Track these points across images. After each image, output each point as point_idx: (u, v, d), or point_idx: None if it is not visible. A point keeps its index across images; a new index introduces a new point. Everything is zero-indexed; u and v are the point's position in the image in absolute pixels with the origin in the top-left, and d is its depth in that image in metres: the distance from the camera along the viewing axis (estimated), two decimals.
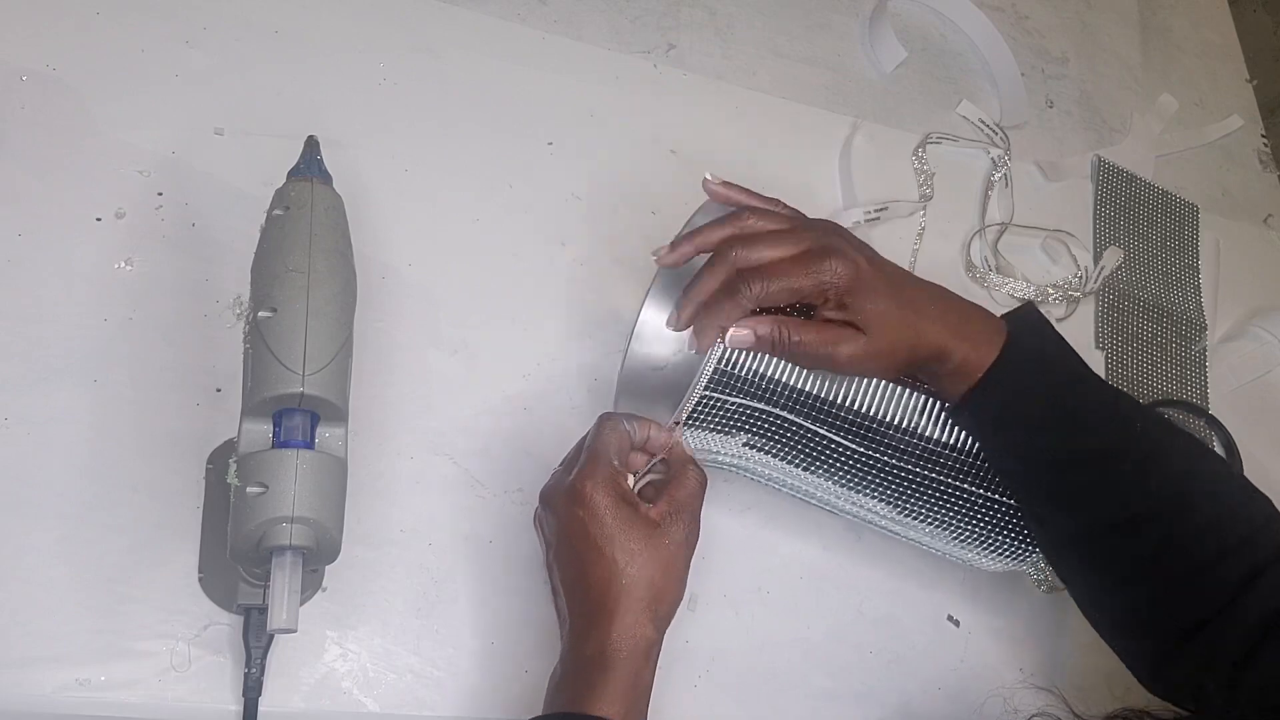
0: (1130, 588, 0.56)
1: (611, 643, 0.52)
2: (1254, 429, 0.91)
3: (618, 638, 0.52)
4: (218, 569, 0.56)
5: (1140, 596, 0.56)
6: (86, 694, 0.53)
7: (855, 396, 0.59)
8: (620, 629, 0.53)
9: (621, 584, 0.53)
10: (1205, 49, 1.18)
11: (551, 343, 0.71)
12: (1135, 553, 0.55)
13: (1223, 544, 0.53)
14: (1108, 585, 0.58)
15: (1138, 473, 0.55)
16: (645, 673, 0.53)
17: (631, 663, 0.52)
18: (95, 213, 0.63)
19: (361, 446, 0.62)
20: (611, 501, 0.54)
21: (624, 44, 0.85)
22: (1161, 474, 0.55)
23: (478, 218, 0.73)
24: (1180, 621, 0.54)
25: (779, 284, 0.54)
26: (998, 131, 0.96)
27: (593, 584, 0.54)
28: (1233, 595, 0.52)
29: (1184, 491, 0.55)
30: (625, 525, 0.54)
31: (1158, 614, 0.55)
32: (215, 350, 0.61)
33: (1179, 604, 0.54)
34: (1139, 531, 0.55)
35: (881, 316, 0.55)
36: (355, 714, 0.57)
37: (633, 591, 0.53)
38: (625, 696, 0.52)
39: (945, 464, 0.60)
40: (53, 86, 0.65)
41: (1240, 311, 0.99)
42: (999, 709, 0.70)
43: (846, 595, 0.71)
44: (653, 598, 0.54)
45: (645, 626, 0.53)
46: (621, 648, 0.52)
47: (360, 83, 0.74)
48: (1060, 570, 0.61)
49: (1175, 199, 1.02)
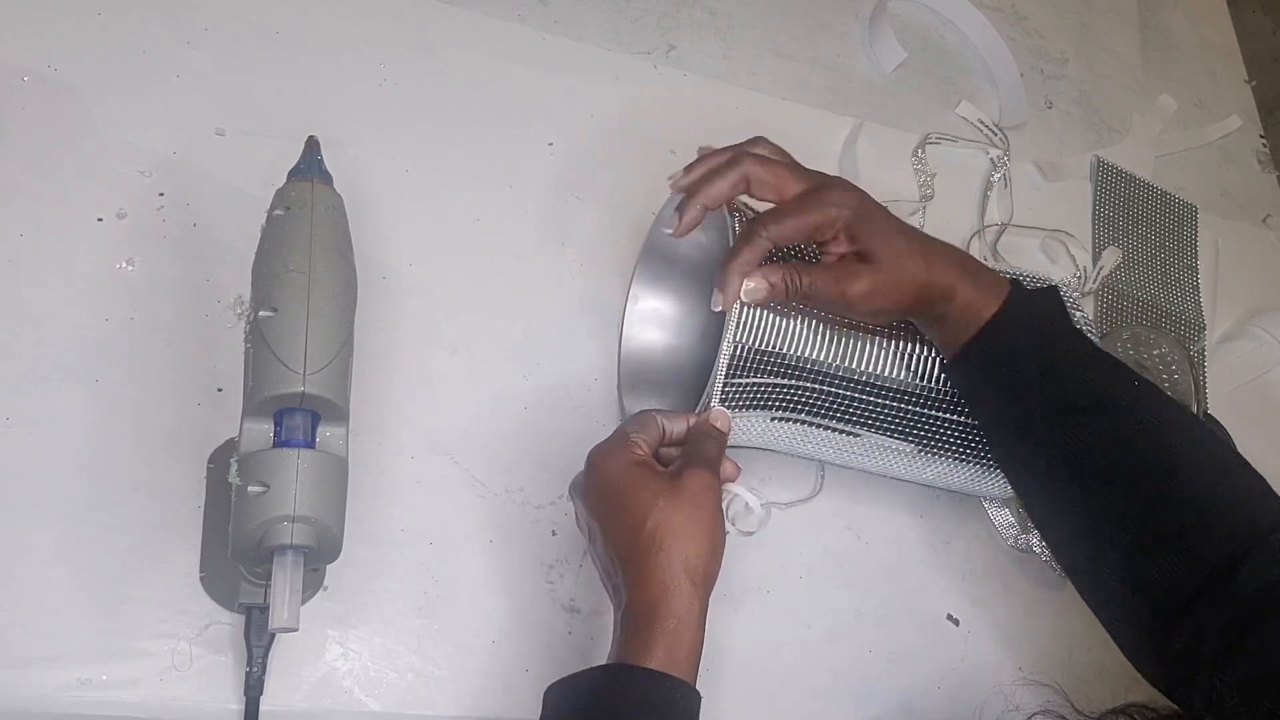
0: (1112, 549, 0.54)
1: (644, 595, 0.51)
2: (1253, 429, 0.91)
3: (651, 592, 0.51)
4: (219, 568, 0.56)
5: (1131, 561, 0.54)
6: (88, 693, 0.53)
7: (866, 360, 0.60)
8: (653, 582, 0.51)
9: (644, 537, 0.51)
10: (1204, 49, 1.18)
11: (551, 343, 0.71)
12: (1122, 513, 0.54)
13: (1209, 516, 0.52)
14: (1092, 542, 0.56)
15: (1133, 430, 0.55)
16: (688, 624, 0.51)
17: (669, 615, 0.50)
18: (96, 213, 0.63)
19: (362, 446, 0.62)
20: (622, 465, 0.54)
21: (624, 44, 0.85)
22: (1157, 428, 0.55)
23: (478, 218, 0.73)
24: (1167, 598, 0.52)
25: (791, 221, 0.55)
26: (997, 132, 0.96)
27: (620, 548, 0.53)
28: (1216, 574, 0.51)
29: (1176, 459, 0.54)
30: (640, 482, 0.53)
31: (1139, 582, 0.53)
32: (216, 350, 0.61)
33: (1163, 575, 0.52)
34: (1127, 492, 0.54)
35: (890, 244, 0.55)
36: (356, 713, 0.57)
37: (658, 542, 0.51)
38: (663, 643, 0.50)
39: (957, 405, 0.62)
40: (54, 87, 0.65)
41: (1239, 311, 0.99)
42: (1000, 706, 0.70)
43: (846, 595, 0.71)
44: (681, 547, 0.52)
45: (679, 577, 0.51)
46: (657, 601, 0.51)
47: (361, 83, 0.74)
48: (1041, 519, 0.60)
49: (1174, 199, 1.02)
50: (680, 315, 0.72)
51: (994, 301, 0.57)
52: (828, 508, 0.73)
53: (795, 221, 0.55)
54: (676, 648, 0.50)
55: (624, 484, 0.53)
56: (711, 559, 0.53)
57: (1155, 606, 0.53)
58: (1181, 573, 0.52)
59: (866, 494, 0.74)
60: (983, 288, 0.57)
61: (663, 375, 0.71)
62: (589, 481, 0.55)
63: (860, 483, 0.74)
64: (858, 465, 0.68)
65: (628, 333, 0.71)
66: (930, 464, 0.66)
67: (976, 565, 0.76)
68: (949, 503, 0.77)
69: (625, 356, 0.71)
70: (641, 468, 0.54)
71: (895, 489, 0.75)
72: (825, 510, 0.73)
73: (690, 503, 0.52)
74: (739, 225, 0.59)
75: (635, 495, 0.53)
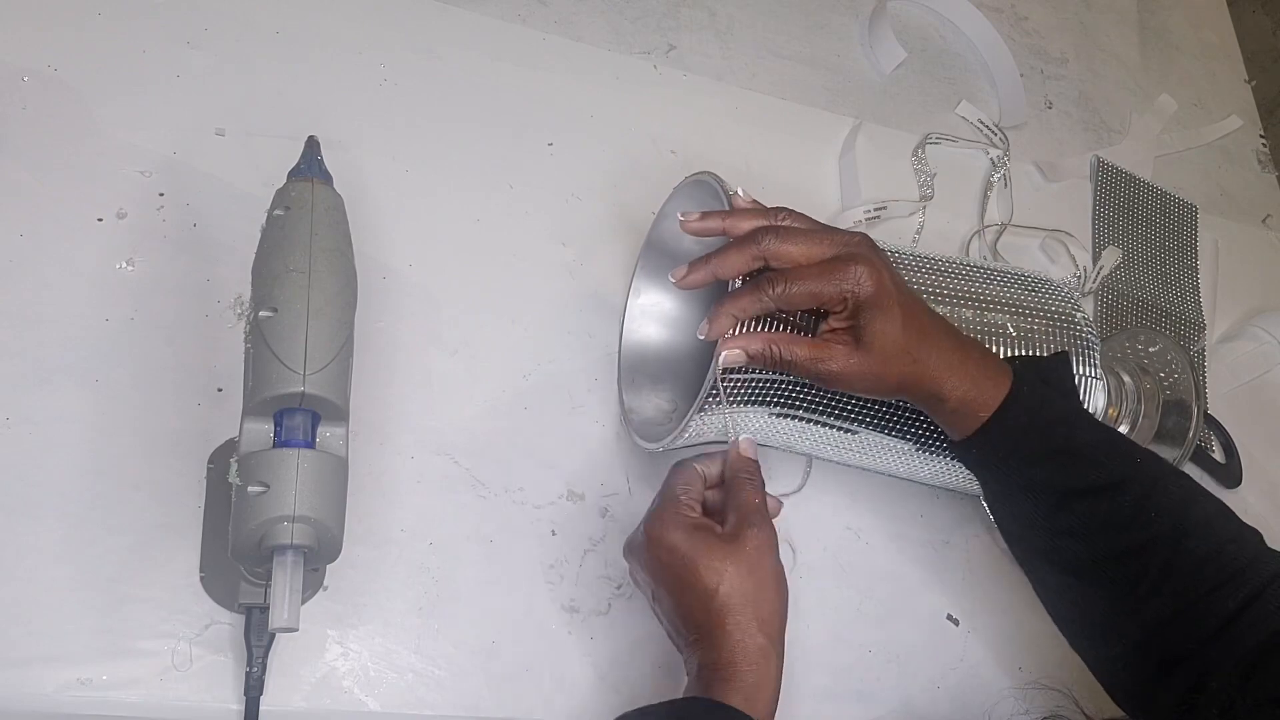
0: (1125, 617, 0.56)
1: (724, 659, 0.53)
2: (1253, 429, 0.91)
3: (729, 653, 0.53)
4: (219, 568, 0.56)
5: (1135, 625, 0.56)
6: (88, 693, 0.53)
7: None
8: (729, 644, 0.53)
9: (717, 604, 0.54)
10: (1204, 49, 1.18)
11: (551, 343, 0.71)
12: (1134, 583, 0.55)
13: (1220, 574, 0.54)
14: (1102, 614, 0.58)
15: (1139, 503, 0.56)
16: (766, 678, 0.53)
17: (748, 671, 0.53)
18: (97, 213, 0.63)
19: (362, 446, 0.62)
20: (684, 534, 0.55)
21: (624, 45, 0.85)
22: (1159, 505, 0.56)
23: (478, 218, 0.73)
24: (1174, 648, 0.54)
25: (800, 287, 0.54)
26: (997, 132, 0.96)
27: (692, 614, 0.55)
28: (1225, 622, 0.53)
29: (1182, 523, 0.55)
30: (704, 550, 0.55)
31: (1151, 641, 0.56)
32: (216, 350, 0.61)
33: (1174, 632, 0.55)
34: (1139, 561, 0.55)
35: (885, 336, 0.54)
36: (356, 713, 0.57)
37: (731, 607, 0.54)
38: (742, 694, 0.52)
39: None
40: (54, 87, 0.65)
41: (1239, 311, 0.99)
42: (1010, 709, 0.70)
43: (846, 595, 0.71)
44: (753, 606, 0.54)
45: (754, 635, 0.54)
46: (736, 659, 0.53)
47: (361, 83, 0.74)
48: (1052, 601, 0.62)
49: (1174, 199, 1.02)
50: (681, 310, 0.72)
51: (992, 398, 0.56)
52: (828, 507, 0.73)
53: (805, 290, 0.54)
54: (754, 700, 0.52)
55: (689, 554, 0.55)
56: (782, 610, 0.56)
57: (1162, 660, 0.55)
58: (1192, 627, 0.54)
59: (866, 493, 0.74)
60: (981, 385, 0.56)
61: (662, 370, 0.71)
62: (650, 554, 0.56)
63: (860, 482, 0.74)
64: (855, 463, 0.68)
65: (628, 327, 0.71)
66: (928, 462, 0.66)
67: (976, 565, 0.76)
68: (949, 503, 0.77)
69: (625, 351, 0.71)
70: (701, 533, 0.56)
71: (895, 488, 0.75)
72: (825, 510, 0.73)
73: (756, 565, 0.55)
74: None
75: (702, 565, 0.54)
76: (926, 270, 0.66)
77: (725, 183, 0.61)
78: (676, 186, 0.66)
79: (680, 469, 0.60)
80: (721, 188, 0.60)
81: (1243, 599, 0.53)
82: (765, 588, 0.55)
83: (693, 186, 0.64)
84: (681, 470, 0.60)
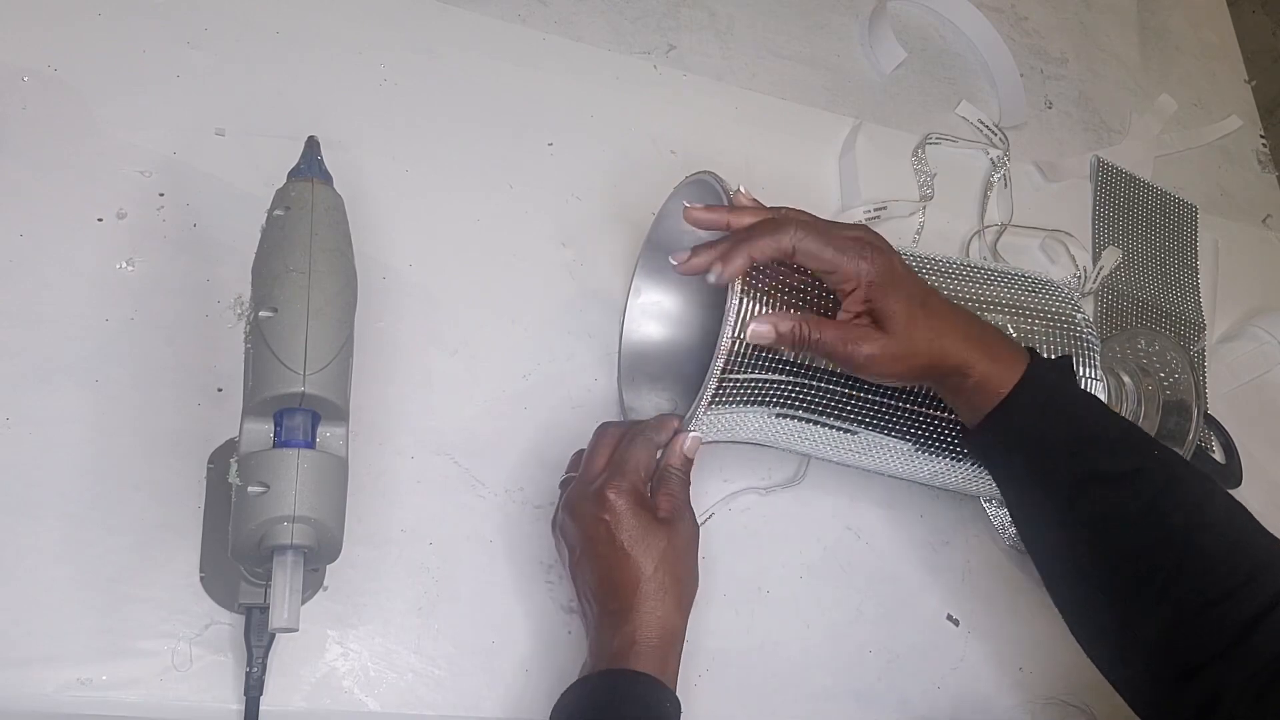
0: (1138, 617, 0.55)
1: (640, 635, 0.55)
2: (1253, 429, 0.91)
3: (646, 629, 0.56)
4: (219, 568, 0.56)
5: (1147, 626, 0.54)
6: (88, 693, 0.53)
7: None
8: (649, 621, 0.56)
9: (645, 581, 0.56)
10: (1204, 50, 1.18)
11: (551, 343, 0.71)
12: (1147, 580, 0.54)
13: (1234, 576, 0.53)
14: (1115, 614, 0.57)
15: (1154, 497, 0.55)
16: (672, 660, 0.57)
17: (660, 650, 0.56)
18: (97, 213, 0.63)
19: (362, 446, 0.62)
20: (632, 507, 0.57)
21: (624, 45, 0.85)
22: (1176, 500, 0.55)
23: (478, 218, 0.73)
24: (1187, 656, 0.53)
25: (818, 241, 0.54)
26: (997, 132, 0.96)
27: (619, 584, 0.56)
28: (1241, 633, 0.51)
29: (1198, 519, 0.55)
30: (646, 527, 0.57)
31: (1164, 646, 0.54)
32: (216, 350, 0.61)
33: (1188, 639, 0.53)
34: (1150, 559, 0.54)
35: (906, 316, 0.55)
36: (356, 713, 0.57)
37: (659, 586, 0.56)
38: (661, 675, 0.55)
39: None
40: (54, 87, 0.65)
41: (1239, 312, 0.99)
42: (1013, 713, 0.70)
43: (846, 595, 0.71)
44: (678, 589, 0.57)
45: (673, 615, 0.57)
46: (651, 636, 0.56)
47: (361, 83, 0.74)
48: (1061, 597, 0.61)
49: (1174, 199, 1.02)
50: (681, 309, 0.72)
51: (1011, 375, 0.56)
52: (828, 507, 0.73)
53: (822, 247, 0.55)
54: (665, 674, 0.56)
55: (633, 528, 0.57)
56: (695, 592, 0.60)
57: (1178, 671, 0.54)
58: (1206, 634, 0.53)
59: (866, 494, 0.74)
60: (1000, 362, 0.57)
61: (661, 369, 0.71)
62: (597, 516, 0.57)
63: (860, 482, 0.74)
64: (855, 463, 0.68)
65: (628, 327, 0.71)
66: (927, 462, 0.66)
67: (976, 565, 0.76)
68: (949, 503, 0.77)
69: (625, 350, 0.71)
70: (647, 513, 0.58)
71: (895, 489, 0.75)
72: (825, 510, 0.73)
73: (684, 553, 0.59)
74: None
75: (641, 542, 0.57)
76: (927, 270, 0.66)
77: (725, 182, 0.61)
78: (676, 186, 0.66)
79: (642, 440, 0.60)
80: (722, 187, 0.61)
81: (1258, 606, 0.51)
82: (690, 576, 0.59)
83: (693, 186, 0.64)
84: (644, 442, 0.60)
